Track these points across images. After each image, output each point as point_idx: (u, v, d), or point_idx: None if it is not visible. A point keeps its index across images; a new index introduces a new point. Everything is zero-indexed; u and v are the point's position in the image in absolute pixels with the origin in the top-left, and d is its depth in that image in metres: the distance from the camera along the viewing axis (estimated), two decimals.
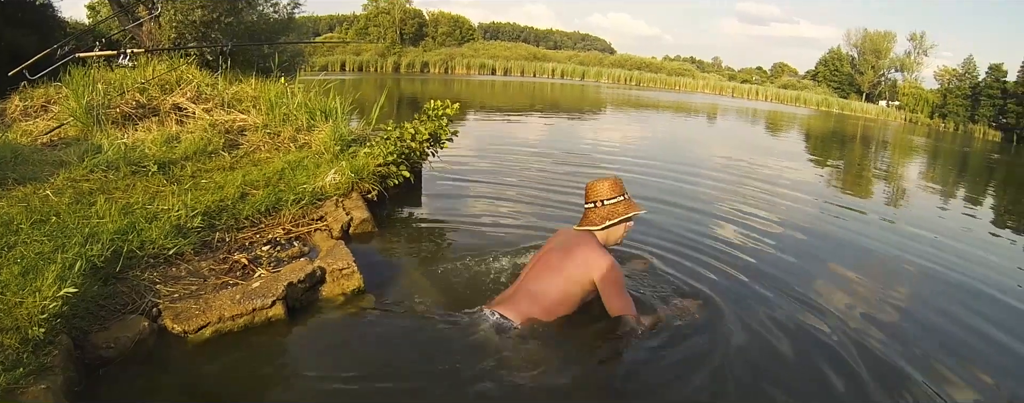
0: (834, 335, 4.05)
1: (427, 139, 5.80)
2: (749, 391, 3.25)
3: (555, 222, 5.77)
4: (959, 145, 39.30)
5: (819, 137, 28.34)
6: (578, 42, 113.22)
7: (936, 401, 3.39)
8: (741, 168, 12.64)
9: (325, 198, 4.92)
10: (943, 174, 19.27)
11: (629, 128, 19.97)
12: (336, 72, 48.51)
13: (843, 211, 9.23)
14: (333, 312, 3.43)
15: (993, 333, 4.68)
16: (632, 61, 75.46)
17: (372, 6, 68.13)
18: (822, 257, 6.23)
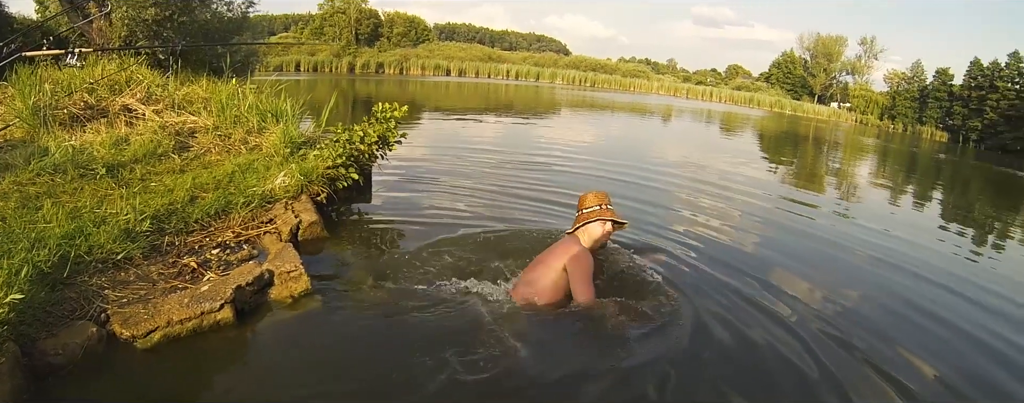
0: (793, 325, 4.35)
1: (376, 141, 5.85)
2: (714, 378, 3.49)
3: (503, 221, 5.95)
4: (907, 146, 40.37)
5: (773, 138, 28.87)
6: (534, 43, 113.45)
7: (892, 381, 3.71)
8: (696, 168, 12.94)
9: (275, 201, 4.93)
10: (893, 173, 19.91)
11: (583, 129, 20.16)
12: (291, 72, 48.14)
13: (797, 208, 9.58)
14: (281, 314, 3.47)
15: (941, 315, 5.14)
16: (587, 62, 75.75)
17: (328, 6, 67.48)
18: (779, 252, 6.55)
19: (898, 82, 77.14)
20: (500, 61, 69.63)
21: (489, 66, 65.78)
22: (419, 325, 3.54)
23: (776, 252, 6.60)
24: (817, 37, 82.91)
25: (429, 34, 74.53)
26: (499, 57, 72.34)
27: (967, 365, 4.26)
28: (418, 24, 72.72)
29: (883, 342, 4.36)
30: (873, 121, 73.60)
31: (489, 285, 4.13)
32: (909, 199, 13.60)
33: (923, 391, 3.69)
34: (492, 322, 3.66)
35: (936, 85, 72.64)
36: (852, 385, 3.58)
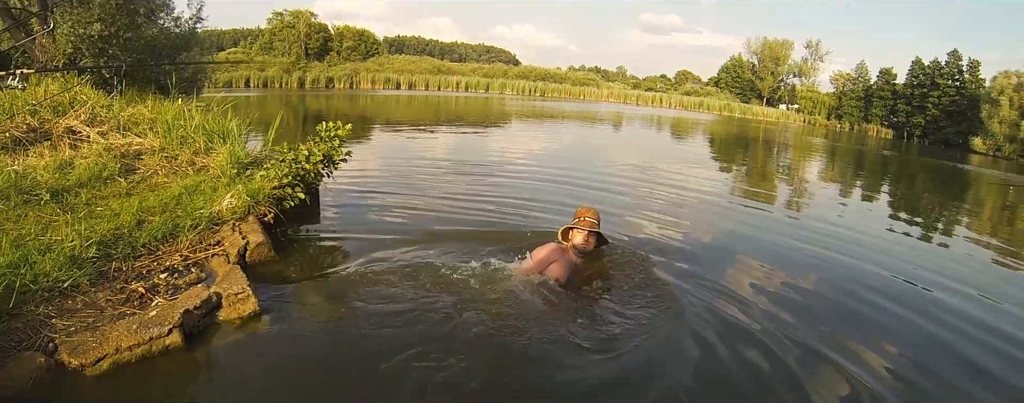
0: (751, 320, 4.65)
1: (321, 160, 5.86)
2: (678, 372, 3.75)
3: (453, 231, 6.11)
4: (854, 144, 41.35)
5: (723, 141, 29.35)
6: (483, 54, 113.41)
7: (845, 370, 4.00)
8: (649, 172, 13.22)
9: (222, 222, 4.95)
10: (841, 171, 20.59)
11: (534, 138, 20.33)
12: (240, 88, 47.46)
13: (750, 207, 10.04)
14: (229, 337, 3.52)
15: (890, 306, 5.50)
16: (536, 72, 76.03)
17: (277, 20, 66.75)
18: (732, 250, 6.89)
19: (844, 83, 78.94)
20: (450, 73, 69.39)
21: (439, 78, 65.57)
22: (368, 340, 3.63)
23: (731, 249, 6.96)
24: (764, 41, 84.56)
25: (379, 47, 74.08)
26: (449, 69, 72.12)
27: (922, 348, 4.65)
28: (368, 38, 72.27)
29: (839, 329, 4.77)
30: (821, 121, 75.27)
31: (441, 295, 4.26)
32: (858, 194, 14.21)
33: (879, 376, 4.01)
34: (444, 333, 3.77)
35: (880, 84, 74.61)
36: (812, 374, 3.90)
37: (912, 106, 70.56)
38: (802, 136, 45.54)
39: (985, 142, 60.10)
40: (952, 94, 67.36)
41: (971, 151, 59.41)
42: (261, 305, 3.76)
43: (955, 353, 4.67)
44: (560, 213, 7.42)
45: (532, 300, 4.45)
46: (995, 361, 4.59)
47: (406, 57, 75.74)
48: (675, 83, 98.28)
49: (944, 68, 69.71)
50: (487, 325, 3.94)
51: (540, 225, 6.67)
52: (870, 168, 23.59)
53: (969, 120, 64.21)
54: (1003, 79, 61.08)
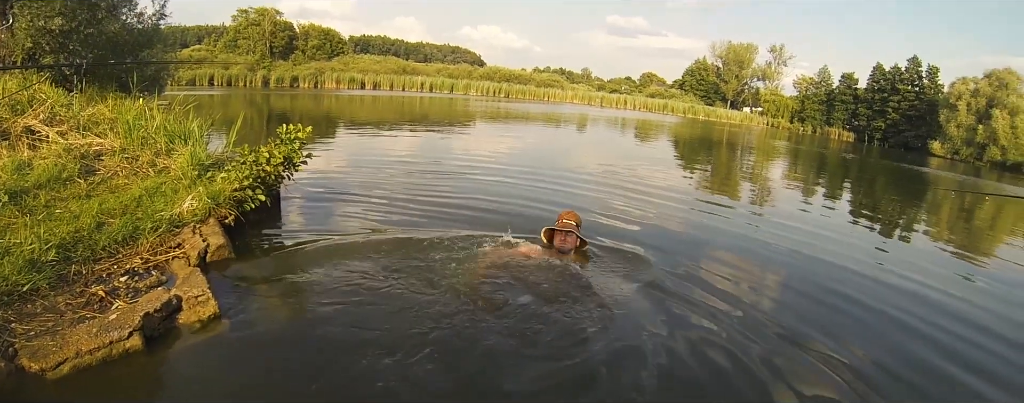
0: (719, 317, 4.88)
1: (282, 162, 5.89)
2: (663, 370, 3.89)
3: (414, 231, 6.16)
4: (817, 147, 42.07)
5: (687, 143, 29.62)
6: (448, 55, 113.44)
7: (814, 364, 4.25)
8: (613, 174, 13.41)
9: (183, 225, 4.94)
10: (804, 173, 21.06)
11: (498, 139, 20.42)
12: (204, 87, 46.96)
13: (715, 208, 10.30)
14: (190, 339, 3.55)
15: (857, 298, 5.91)
16: (501, 73, 76.11)
17: (242, 18, 66.00)
18: (699, 250, 7.11)
19: (806, 86, 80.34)
20: (415, 73, 69.23)
21: (404, 79, 65.36)
22: (329, 341, 3.69)
23: (697, 249, 7.20)
24: (729, 45, 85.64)
25: (344, 47, 73.62)
26: (414, 69, 71.93)
27: (884, 341, 4.96)
28: (333, 37, 71.79)
29: (805, 325, 4.99)
30: (784, 124, 76.44)
31: (404, 295, 4.36)
32: (820, 198, 14.50)
33: (846, 369, 4.23)
34: (408, 333, 3.84)
35: (842, 89, 76.05)
36: (781, 368, 4.11)
37: (873, 110, 72.11)
38: (765, 139, 46.26)
39: (943, 146, 61.66)
40: (912, 99, 69.01)
41: (930, 154, 60.82)
42: (221, 307, 3.80)
43: (917, 344, 4.98)
44: (525, 213, 7.64)
45: (498, 298, 4.57)
46: (959, 349, 4.96)
47: (371, 57, 75.40)
48: (640, 85, 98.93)
49: (904, 73, 71.29)
50: (451, 324, 4.03)
51: (504, 224, 6.70)
52: (832, 171, 24.11)
53: (928, 124, 65.73)
54: (961, 85, 62.59)
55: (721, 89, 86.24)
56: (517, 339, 3.95)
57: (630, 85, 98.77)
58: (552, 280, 5.11)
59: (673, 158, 20.98)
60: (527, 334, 4.04)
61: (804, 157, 30.04)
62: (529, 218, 7.43)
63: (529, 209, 8.03)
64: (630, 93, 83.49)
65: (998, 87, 59.53)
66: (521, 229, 6.47)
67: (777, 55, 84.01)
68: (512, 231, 6.13)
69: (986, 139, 58.33)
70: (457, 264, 5.21)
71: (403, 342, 3.71)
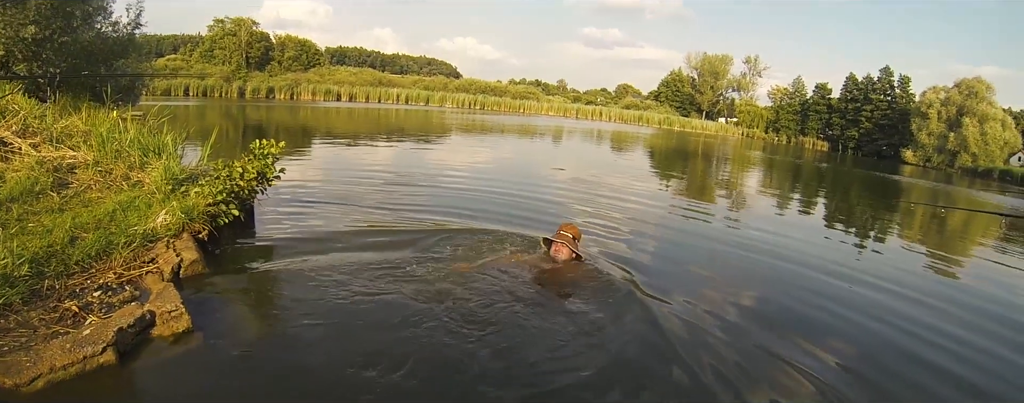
0: (699, 322, 5.08)
1: (255, 177, 5.92)
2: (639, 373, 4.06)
3: (389, 243, 6.24)
4: (792, 157, 42.66)
5: (663, 154, 30.00)
6: (424, 66, 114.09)
7: (790, 367, 4.42)
8: (591, 184, 13.64)
9: (156, 239, 4.95)
10: (779, 182, 21.50)
11: (475, 151, 20.55)
12: (179, 97, 46.85)
13: (692, 216, 10.64)
14: (163, 354, 3.57)
15: (830, 307, 6.10)
16: (477, 85, 76.70)
17: (218, 27, 65.70)
18: (678, 258, 7.43)
19: (781, 97, 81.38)
20: (391, 85, 69.85)
21: (380, 91, 65.71)
22: (303, 355, 3.74)
23: (677, 256, 7.56)
24: (704, 56, 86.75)
25: (320, 58, 73.71)
26: (389, 81, 72.47)
27: (860, 342, 5.23)
28: (309, 48, 71.82)
29: (785, 328, 5.29)
30: (759, 134, 77.35)
31: (379, 308, 4.44)
32: (796, 207, 14.90)
33: (825, 370, 4.45)
34: (381, 346, 3.91)
35: (816, 99, 77.16)
36: (761, 370, 4.34)
37: (846, 119, 73.20)
38: (741, 149, 46.90)
39: (915, 153, 62.87)
40: (884, 108, 70.20)
41: (903, 162, 61.99)
42: (195, 322, 3.82)
43: (893, 346, 5.25)
44: (502, 223, 7.78)
45: (480, 306, 4.71)
46: (931, 352, 5.19)
47: (347, 69, 75.61)
48: (615, 96, 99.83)
49: (877, 83, 72.45)
50: (429, 336, 4.11)
51: (480, 234, 6.94)
52: (807, 180, 24.64)
53: (900, 133, 66.89)
54: (932, 94, 63.84)
55: (696, 100, 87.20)
56: (497, 350, 4.03)
57: (606, 96, 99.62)
58: (537, 286, 5.34)
59: (649, 169, 21.31)
60: (507, 345, 4.13)
61: (779, 167, 30.54)
62: (506, 225, 7.67)
63: (505, 219, 8.18)
64: (606, 105, 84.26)
65: (968, 95, 60.75)
66: (500, 240, 6.73)
67: (752, 66, 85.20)
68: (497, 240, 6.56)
69: (957, 146, 59.62)
70: (432, 273, 5.31)
71: (379, 355, 3.77)
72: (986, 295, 7.74)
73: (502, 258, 6.00)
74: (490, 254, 6.11)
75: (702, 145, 45.07)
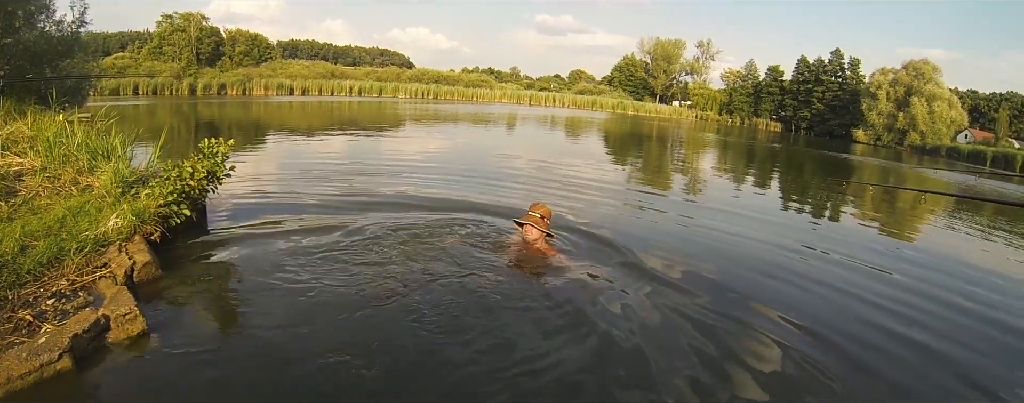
0: (664, 298, 5.33)
1: (205, 176, 5.91)
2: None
3: (345, 240, 6.20)
4: (745, 138, 43.42)
5: (618, 138, 30.27)
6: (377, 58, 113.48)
7: (756, 331, 4.80)
8: (545, 169, 13.79)
9: (108, 243, 4.94)
10: (734, 163, 22.02)
11: (428, 140, 20.63)
12: (128, 97, 45.97)
13: (648, 198, 10.93)
14: (119, 357, 3.60)
15: (787, 277, 6.52)
16: (430, 75, 76.74)
17: (167, 23, 64.45)
18: (637, 239, 7.50)
19: (734, 80, 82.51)
20: (343, 77, 69.30)
21: (333, 83, 65.24)
22: (258, 352, 3.79)
23: (639, 235, 7.75)
24: (657, 41, 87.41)
25: (272, 52, 72.92)
26: (342, 73, 72.03)
27: (822, 311, 5.62)
28: (261, 42, 70.95)
29: (751, 300, 5.57)
30: (712, 116, 78.38)
31: (335, 302, 4.49)
32: (750, 187, 15.42)
33: (790, 337, 4.78)
34: (338, 338, 3.99)
35: (768, 81, 78.43)
36: (728, 340, 4.61)
37: (799, 101, 74.55)
38: (695, 132, 47.49)
39: (866, 133, 64.53)
40: (835, 89, 71.68)
41: (854, 141, 63.63)
42: (149, 324, 3.85)
43: (853, 314, 5.65)
44: (460, 209, 7.95)
45: (438, 294, 4.83)
46: (890, 320, 5.59)
47: (300, 62, 74.94)
48: (569, 82, 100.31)
49: (828, 65, 73.87)
50: (388, 327, 4.20)
51: (439, 223, 7.04)
52: (761, 161, 25.20)
53: (851, 113, 68.44)
54: (880, 75, 65.46)
55: (650, 84, 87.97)
56: (467, 338, 4.16)
57: (559, 83, 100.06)
58: (509, 269, 5.64)
59: (604, 154, 21.50)
60: (472, 331, 4.26)
61: (733, 149, 31.03)
62: (463, 211, 7.82)
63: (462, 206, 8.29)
64: (559, 91, 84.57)
65: (915, 77, 62.36)
66: (459, 225, 6.94)
67: (705, 50, 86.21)
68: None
69: (906, 125, 61.38)
70: (392, 262, 5.43)
71: (338, 349, 3.83)
72: (933, 263, 8.29)
73: (459, 241, 6.25)
74: (453, 239, 6.30)
75: (656, 128, 45.61)
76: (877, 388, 4.27)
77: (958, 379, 4.55)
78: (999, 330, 5.76)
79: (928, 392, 4.37)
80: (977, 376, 4.61)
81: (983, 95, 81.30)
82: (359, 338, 3.99)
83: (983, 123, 75.56)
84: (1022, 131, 72.22)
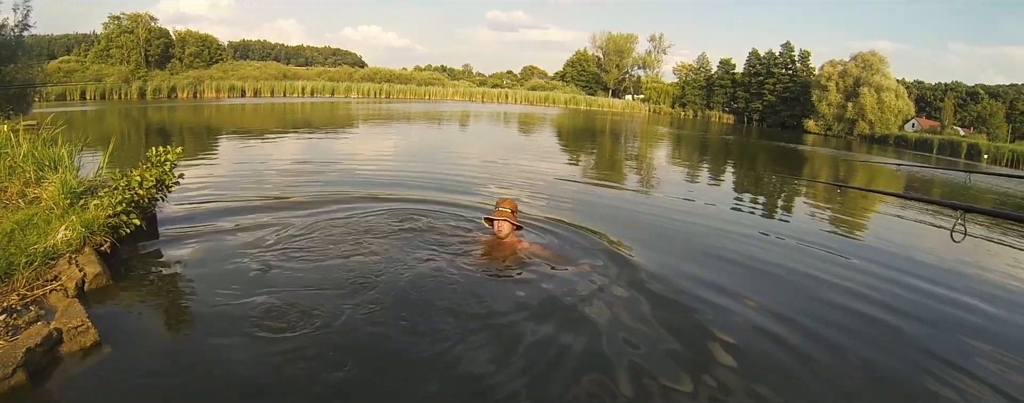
0: (635, 279, 5.73)
1: (154, 185, 5.90)
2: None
3: (298, 243, 6.25)
4: (699, 131, 44.05)
5: (571, 133, 30.53)
6: (329, 57, 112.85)
7: (707, 315, 5.08)
8: (499, 165, 14.08)
9: (58, 256, 4.92)
10: (688, 155, 22.61)
11: (382, 139, 20.76)
12: (75, 102, 44.94)
13: (602, 191, 11.24)
14: (73, 370, 3.63)
15: (746, 263, 6.92)
16: (382, 74, 76.44)
17: (114, 25, 63.01)
18: (593, 229, 7.72)
19: (686, 73, 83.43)
20: (296, 78, 68.58)
21: (285, 84, 64.47)
22: (212, 359, 3.84)
23: (603, 225, 7.94)
24: (609, 36, 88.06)
25: (223, 53, 71.85)
26: (294, 74, 71.27)
27: (777, 293, 5.98)
28: (211, 43, 69.89)
29: (706, 284, 5.87)
30: (665, 109, 79.30)
31: (288, 307, 4.54)
32: (706, 178, 16.00)
33: (743, 318, 5.14)
34: (293, 341, 4.04)
35: (720, 74, 79.60)
36: (688, 326, 4.87)
37: (750, 93, 75.84)
38: (648, 125, 48.03)
39: (817, 123, 66.18)
40: (786, 81, 73.10)
41: (805, 131, 65.16)
42: (102, 335, 3.87)
43: (815, 295, 6.05)
44: (413, 208, 8.01)
45: (387, 294, 4.92)
46: (846, 298, 6.02)
47: (252, 63, 74.00)
48: (521, 78, 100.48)
49: (778, 58, 75.22)
50: (340, 329, 4.27)
51: (391, 223, 7.14)
52: (714, 153, 25.89)
53: (802, 104, 69.95)
54: (830, 67, 67.15)
55: (602, 79, 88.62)
56: (432, 336, 4.26)
57: (512, 79, 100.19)
58: (484, 264, 5.94)
59: (559, 149, 21.82)
60: (432, 328, 4.37)
61: (687, 142, 31.49)
62: (421, 205, 8.06)
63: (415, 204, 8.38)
64: (512, 87, 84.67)
65: (864, 68, 64.04)
66: (412, 225, 7.07)
67: (657, 44, 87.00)
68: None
69: (855, 115, 63.13)
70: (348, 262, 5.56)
71: (297, 352, 3.90)
72: (881, 247, 8.75)
73: (418, 236, 6.55)
74: (410, 237, 6.49)
75: (610, 123, 46.11)
76: (840, 360, 4.61)
77: (918, 351, 4.92)
78: (947, 304, 6.30)
79: (892, 364, 4.69)
80: (934, 347, 5.00)
81: (929, 85, 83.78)
82: (319, 340, 4.05)
83: (929, 112, 77.78)
84: (966, 119, 74.48)
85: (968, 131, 67.23)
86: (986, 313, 6.08)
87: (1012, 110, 69.49)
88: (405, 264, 5.57)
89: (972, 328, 5.59)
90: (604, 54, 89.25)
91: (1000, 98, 75.95)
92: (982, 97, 76.92)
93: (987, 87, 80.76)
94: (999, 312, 6.19)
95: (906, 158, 37.60)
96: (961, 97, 78.56)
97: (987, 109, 69.11)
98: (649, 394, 3.81)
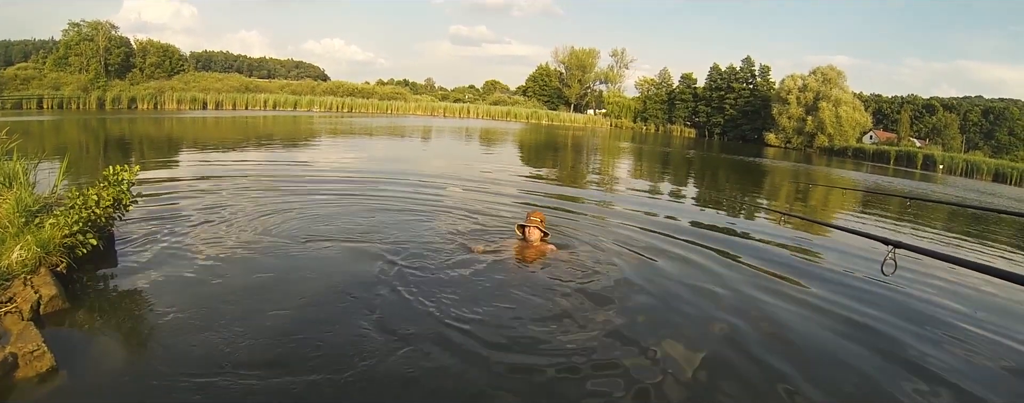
0: (587, 299, 5.85)
1: (111, 204, 5.82)
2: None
3: (255, 253, 6.32)
4: (660, 145, 44.52)
5: (533, 149, 30.64)
6: (292, 70, 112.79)
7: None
8: (461, 180, 14.13)
9: (13, 277, 4.80)
10: (650, 172, 22.81)
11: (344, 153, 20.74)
12: (32, 111, 44.15)
13: (563, 203, 11.42)
14: (28, 395, 3.55)
15: (702, 279, 7.03)
16: (344, 88, 76.52)
17: (73, 32, 62.02)
18: (589, 240, 8.28)
19: (648, 88, 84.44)
20: (258, 91, 68.28)
21: (247, 97, 64.15)
22: (169, 382, 3.76)
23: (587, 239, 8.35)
24: (571, 50, 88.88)
25: (185, 64, 71.21)
26: (257, 86, 70.97)
27: (739, 304, 6.22)
28: (173, 53, 69.38)
29: (667, 299, 6.10)
30: (627, 124, 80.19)
31: (247, 322, 4.53)
32: (667, 192, 16.22)
33: (703, 334, 5.33)
34: (253, 359, 4.03)
35: (682, 88, 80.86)
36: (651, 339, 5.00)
37: (712, 107, 77.11)
38: (610, 140, 48.39)
39: (777, 136, 67.53)
40: (747, 95, 74.57)
41: (766, 144, 66.44)
42: (57, 359, 3.79)
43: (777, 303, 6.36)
44: (371, 225, 8.10)
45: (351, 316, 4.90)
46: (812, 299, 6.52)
47: (214, 74, 73.47)
48: (483, 93, 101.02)
49: (739, 73, 76.62)
50: (304, 341, 4.29)
51: (356, 240, 7.22)
52: (676, 167, 26.50)
53: (762, 117, 71.39)
54: (789, 81, 68.73)
55: (564, 93, 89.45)
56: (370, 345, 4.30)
57: (474, 93, 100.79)
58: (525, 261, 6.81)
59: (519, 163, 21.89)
60: (384, 336, 4.44)
61: (648, 157, 31.78)
62: (378, 229, 7.97)
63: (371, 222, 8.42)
64: (473, 102, 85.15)
65: (823, 82, 65.68)
66: (370, 241, 7.12)
67: (619, 58, 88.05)
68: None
69: (814, 128, 64.72)
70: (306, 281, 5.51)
71: (259, 377, 3.84)
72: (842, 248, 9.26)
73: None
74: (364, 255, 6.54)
75: (571, 138, 46.35)
76: (809, 352, 5.05)
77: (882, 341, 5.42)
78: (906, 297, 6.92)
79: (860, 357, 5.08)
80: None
81: (886, 98, 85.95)
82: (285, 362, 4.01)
83: (887, 124, 79.92)
84: (922, 131, 76.52)
85: (924, 142, 69.26)
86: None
87: (965, 122, 71.75)
88: (366, 286, 5.61)
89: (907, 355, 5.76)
90: (566, 69, 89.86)
91: (954, 110, 78.18)
92: (937, 109, 78.99)
93: (941, 100, 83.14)
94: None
95: (864, 170, 39.98)
96: (917, 109, 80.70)
97: (942, 121, 71.26)
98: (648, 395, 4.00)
